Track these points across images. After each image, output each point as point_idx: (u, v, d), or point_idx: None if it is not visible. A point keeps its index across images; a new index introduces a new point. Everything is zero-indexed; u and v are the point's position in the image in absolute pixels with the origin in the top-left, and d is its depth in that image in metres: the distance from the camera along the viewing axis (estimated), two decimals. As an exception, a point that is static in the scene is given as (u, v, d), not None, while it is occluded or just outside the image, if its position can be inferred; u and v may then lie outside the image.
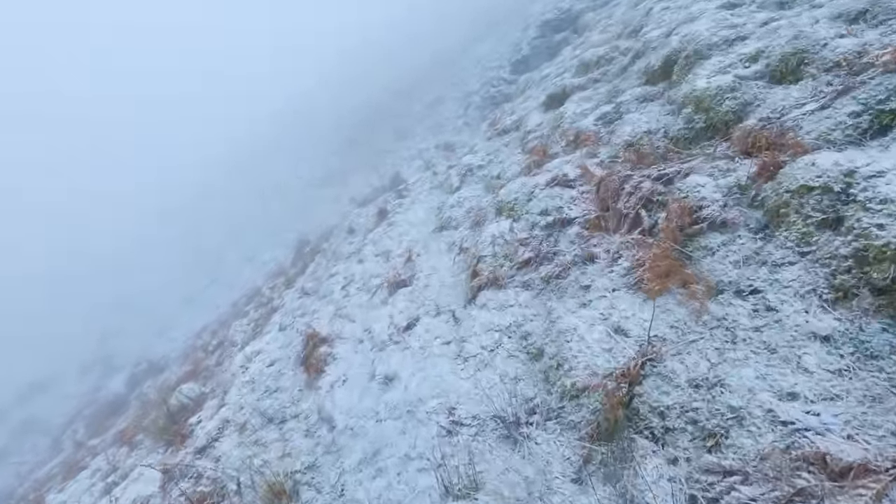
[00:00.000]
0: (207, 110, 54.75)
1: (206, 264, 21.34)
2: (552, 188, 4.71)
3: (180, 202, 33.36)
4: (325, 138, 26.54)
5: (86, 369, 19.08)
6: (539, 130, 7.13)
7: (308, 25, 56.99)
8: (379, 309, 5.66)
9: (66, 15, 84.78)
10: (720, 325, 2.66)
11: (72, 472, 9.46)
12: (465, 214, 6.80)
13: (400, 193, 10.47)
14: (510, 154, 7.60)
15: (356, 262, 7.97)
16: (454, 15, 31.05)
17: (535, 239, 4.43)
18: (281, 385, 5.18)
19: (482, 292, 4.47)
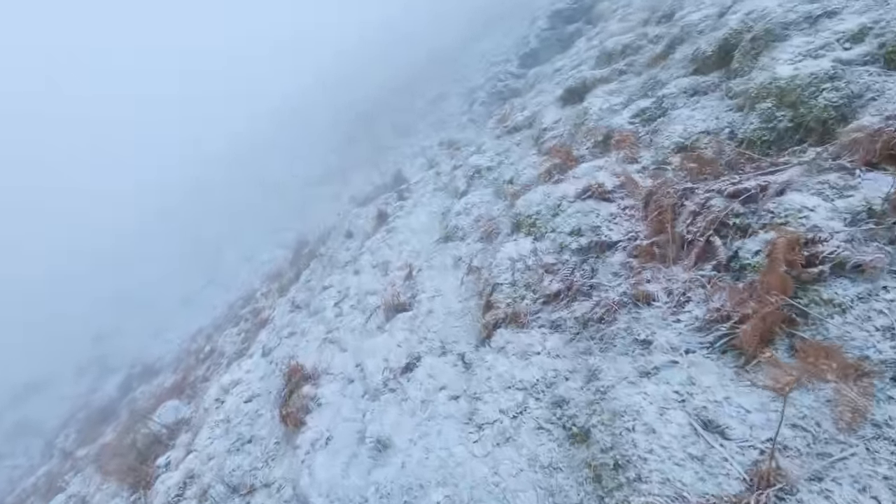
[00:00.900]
0: (206, 109, 53.58)
1: (204, 263, 20.39)
2: (584, 200, 3.71)
3: (179, 200, 32.37)
4: (324, 135, 25.47)
5: (82, 370, 18.20)
6: (557, 128, 6.11)
7: (306, 26, 55.58)
8: (374, 337, 4.68)
9: (66, 15, 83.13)
10: (879, 434, 1.68)
11: (50, 493, 8.59)
12: (474, 224, 5.80)
13: (401, 195, 9.47)
14: (523, 154, 6.59)
15: (352, 274, 6.98)
16: (451, 13, 29.85)
17: (566, 266, 3.44)
18: (255, 433, 4.21)
19: (498, 330, 3.49)
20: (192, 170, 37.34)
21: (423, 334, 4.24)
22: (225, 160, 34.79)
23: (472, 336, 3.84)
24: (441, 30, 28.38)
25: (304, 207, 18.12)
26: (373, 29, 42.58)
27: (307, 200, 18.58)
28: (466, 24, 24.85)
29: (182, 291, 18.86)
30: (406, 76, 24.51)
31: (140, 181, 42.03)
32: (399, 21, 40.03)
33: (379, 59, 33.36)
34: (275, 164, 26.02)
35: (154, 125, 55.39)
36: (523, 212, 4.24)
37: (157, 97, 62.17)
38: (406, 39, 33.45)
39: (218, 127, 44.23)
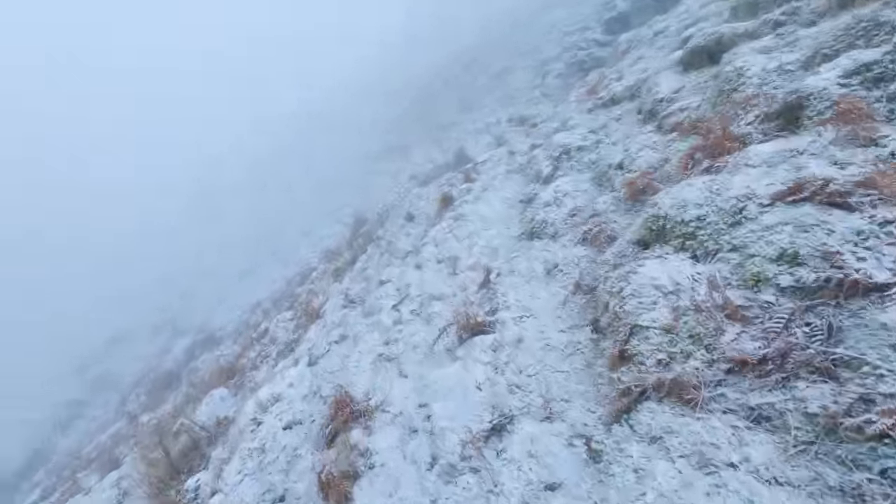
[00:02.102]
0: (267, 88, 53.85)
1: (266, 236, 20.02)
2: (794, 205, 2.22)
3: (242, 176, 32.46)
4: (384, 110, 24.28)
5: (156, 330, 18.44)
6: (682, 98, 4.51)
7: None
8: (444, 366, 3.44)
9: (99, 15, 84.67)
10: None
11: (109, 464, 8.18)
12: (569, 219, 4.38)
13: (467, 175, 8.10)
14: (630, 131, 5.03)
15: (413, 268, 5.76)
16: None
17: (772, 314, 2.01)
18: (290, 486, 3.11)
19: (646, 404, 2.14)
20: (254, 145, 37.46)
21: (513, 376, 2.94)
22: (285, 136, 34.53)
23: (592, 395, 2.50)
24: (502, 1, 26.17)
25: (363, 183, 17.11)
26: (431, 2, 40.49)
27: (366, 176, 17.55)
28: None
29: (245, 263, 18.56)
30: (468, 50, 22.72)
31: (205, 156, 42.78)
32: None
33: (438, 35, 31.52)
34: (334, 140, 25.19)
35: (221, 101, 56.20)
36: (669, 214, 2.79)
37: (224, 73, 63.17)
38: (466, 12, 31.35)
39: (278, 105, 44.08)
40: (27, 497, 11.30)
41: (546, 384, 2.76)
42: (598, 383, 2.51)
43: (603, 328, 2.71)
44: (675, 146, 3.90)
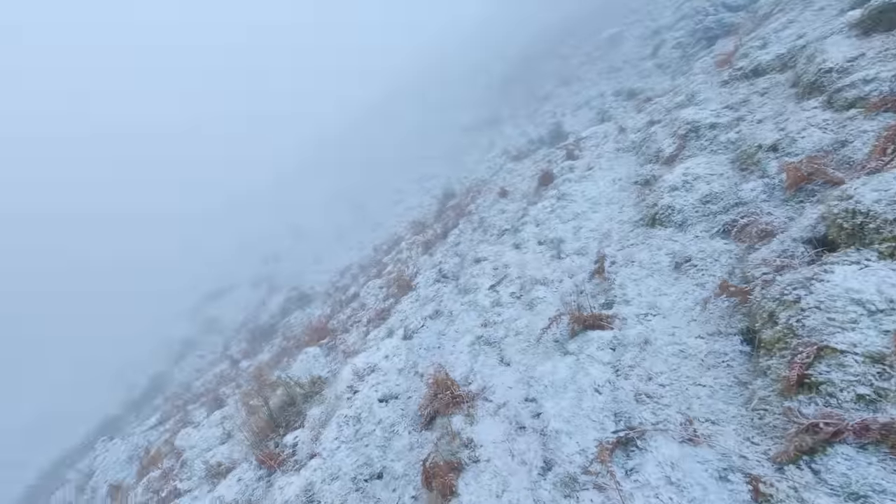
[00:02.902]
0: (360, 59, 55.14)
1: (356, 203, 20.59)
2: None
3: (334, 146, 33.48)
4: (478, 80, 23.62)
5: (255, 285, 19.86)
6: (863, 69, 3.66)
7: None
8: (553, 359, 3.13)
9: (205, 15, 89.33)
10: None
11: (216, 403, 8.91)
12: (701, 206, 3.80)
13: (570, 152, 7.52)
14: (785, 108, 4.24)
15: (511, 248, 5.44)
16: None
17: None
18: (387, 465, 3.01)
19: (839, 449, 1.68)
20: (346, 114, 38.41)
21: (641, 383, 2.56)
22: (376, 106, 35.00)
23: (749, 422, 2.07)
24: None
25: (452, 155, 16.88)
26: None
27: (456, 148, 17.28)
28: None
29: (336, 227, 19.27)
30: (569, 17, 21.29)
31: (300, 131, 44.77)
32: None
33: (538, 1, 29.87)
34: (425, 111, 25.06)
35: (310, 73, 58.71)
36: (874, 210, 2.19)
37: (313, 47, 66.01)
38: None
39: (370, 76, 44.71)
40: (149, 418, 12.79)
41: (685, 399, 2.35)
42: (759, 409, 2.07)
43: (765, 343, 2.23)
44: (859, 126, 3.16)
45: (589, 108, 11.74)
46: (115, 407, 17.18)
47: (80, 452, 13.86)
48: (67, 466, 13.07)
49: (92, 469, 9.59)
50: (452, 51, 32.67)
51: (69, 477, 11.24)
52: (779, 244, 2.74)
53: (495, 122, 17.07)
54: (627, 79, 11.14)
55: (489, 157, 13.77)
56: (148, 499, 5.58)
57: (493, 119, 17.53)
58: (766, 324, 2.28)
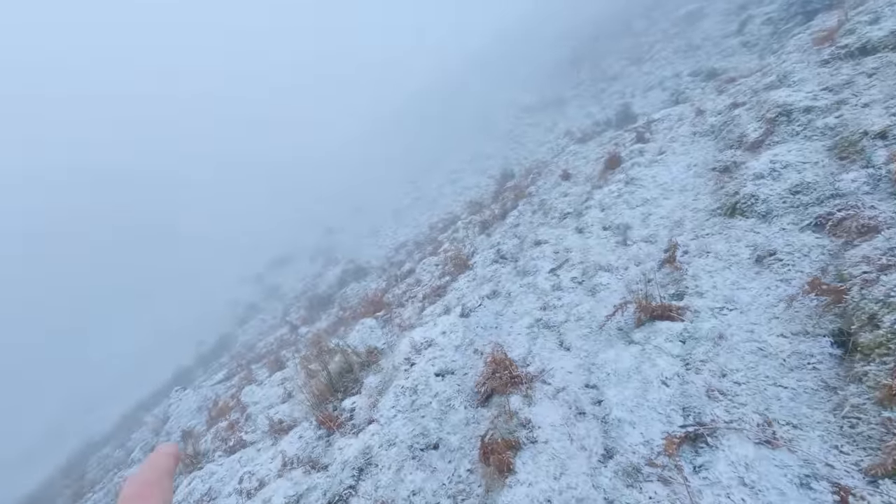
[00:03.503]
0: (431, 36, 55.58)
1: (413, 178, 20.75)
2: None
3: (394, 122, 33.67)
4: (543, 58, 22.86)
5: (313, 257, 20.68)
6: None
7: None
8: (616, 347, 3.04)
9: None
10: None
11: (276, 364, 9.44)
12: (790, 197, 3.50)
13: (640, 135, 7.16)
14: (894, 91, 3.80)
15: (573, 232, 5.30)
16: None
17: None
18: (443, 437, 3.08)
19: (948, 467, 1.54)
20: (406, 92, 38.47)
21: (714, 379, 2.44)
22: (443, 85, 34.78)
23: (837, 429, 1.92)
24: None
25: (512, 136, 16.59)
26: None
27: (517, 129, 16.94)
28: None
29: (394, 203, 19.58)
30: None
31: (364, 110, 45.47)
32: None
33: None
34: (490, 91, 24.62)
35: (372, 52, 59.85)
36: None
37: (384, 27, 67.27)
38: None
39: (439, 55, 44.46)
40: (216, 373, 13.80)
41: (763, 399, 2.22)
42: (851, 417, 1.92)
43: (862, 347, 2.05)
44: None
45: (662, 88, 11.09)
46: (188, 360, 18.66)
47: (157, 399, 15.23)
48: (145, 410, 14.43)
49: (167, 415, 10.52)
50: (523, 29, 31.75)
51: (146, 420, 12.42)
52: (884, 241, 2.49)
53: (559, 102, 16.53)
54: (707, 58, 10.38)
55: (551, 139, 13.41)
56: (217, 445, 6.06)
57: (557, 99, 16.98)
58: (865, 327, 2.10)
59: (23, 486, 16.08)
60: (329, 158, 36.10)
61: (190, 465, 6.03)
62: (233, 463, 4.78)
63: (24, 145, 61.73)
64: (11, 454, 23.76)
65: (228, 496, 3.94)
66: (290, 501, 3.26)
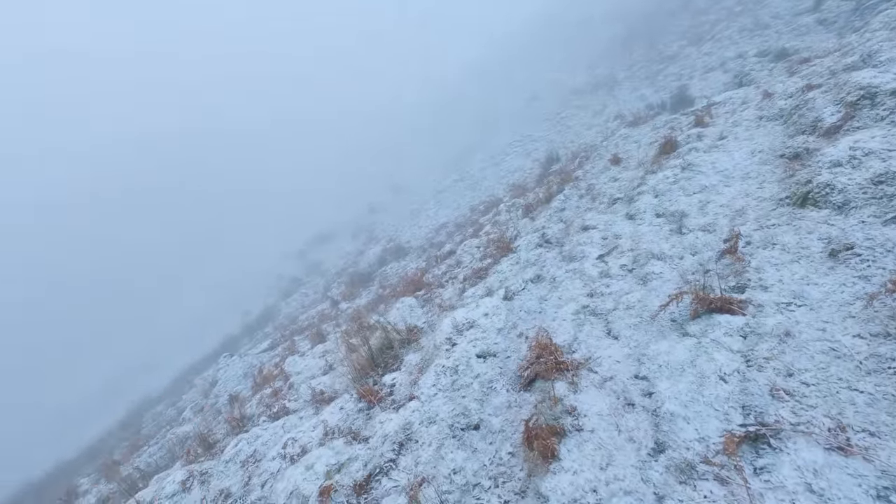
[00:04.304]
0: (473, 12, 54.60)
1: (456, 160, 20.60)
2: None
3: (440, 104, 33.39)
4: (595, 37, 21.95)
5: (355, 235, 21.03)
6: None
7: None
8: (669, 339, 2.91)
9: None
10: None
11: (318, 338, 9.71)
12: (871, 187, 3.21)
13: (699, 119, 6.77)
14: None
15: (624, 218, 5.10)
16: None
17: None
18: (484, 418, 3.06)
19: None
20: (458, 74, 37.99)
21: (779, 378, 2.29)
22: (487, 64, 34.11)
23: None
24: None
25: (559, 118, 16.10)
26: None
27: (564, 111, 16.43)
28: None
29: (435, 184, 19.54)
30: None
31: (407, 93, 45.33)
32: None
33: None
34: (538, 69, 23.93)
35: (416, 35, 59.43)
36: None
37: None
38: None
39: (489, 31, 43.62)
40: (261, 342, 14.39)
41: (835, 402, 2.06)
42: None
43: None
44: None
45: (723, 70, 10.42)
46: (235, 328, 19.55)
47: (206, 363, 16.08)
48: (196, 373, 15.28)
49: (216, 379, 11.09)
50: (573, 4, 30.58)
51: (196, 382, 13.14)
52: None
53: (610, 84, 15.87)
54: (777, 37, 9.64)
55: (600, 122, 12.93)
56: (262, 411, 6.32)
57: (608, 81, 16.31)
58: (963, 331, 1.89)
59: (85, 438, 17.44)
60: (379, 113, 36.54)
61: (237, 427, 6.34)
62: (276, 428, 4.97)
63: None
64: (73, 408, 25.77)
65: (273, 459, 4.10)
66: (331, 469, 3.35)
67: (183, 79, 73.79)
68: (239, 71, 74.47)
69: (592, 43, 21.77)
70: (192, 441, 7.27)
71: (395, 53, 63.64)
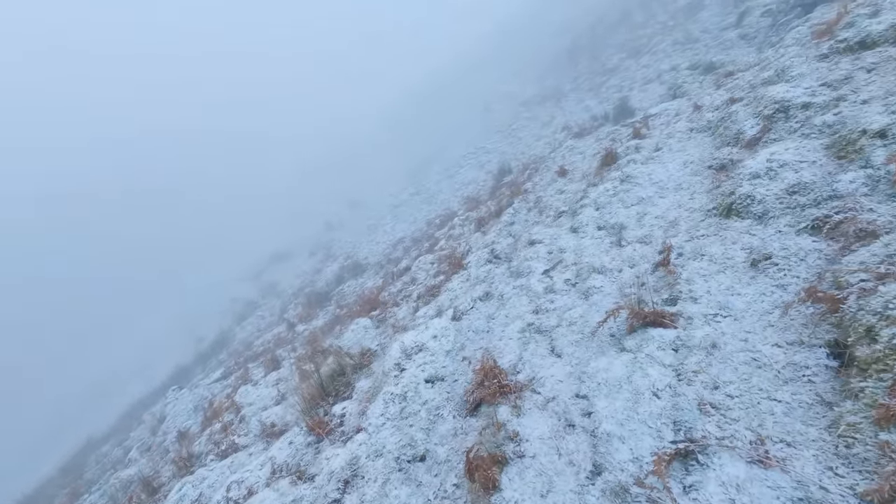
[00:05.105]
0: (428, 31, 55.77)
1: (413, 174, 20.62)
2: None
3: (395, 118, 33.49)
4: (543, 52, 22.62)
5: (312, 253, 20.57)
6: None
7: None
8: (608, 355, 2.96)
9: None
10: None
11: (273, 363, 9.38)
12: (787, 197, 3.41)
13: (636, 131, 7.04)
14: (894, 88, 3.69)
15: (568, 232, 5.20)
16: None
17: None
18: (430, 448, 3.00)
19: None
20: (410, 90, 38.24)
21: (706, 392, 2.36)
22: (442, 78, 34.51)
23: (833, 449, 1.84)
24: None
25: (511, 129, 16.40)
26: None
27: (516, 122, 16.75)
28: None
29: (392, 198, 19.44)
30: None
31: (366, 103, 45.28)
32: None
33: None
34: (489, 83, 24.37)
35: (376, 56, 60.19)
36: None
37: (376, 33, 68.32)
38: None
39: (439, 47, 44.22)
40: (214, 371, 13.76)
41: (756, 414, 2.14)
42: (847, 436, 1.83)
43: (859, 361, 1.96)
44: None
45: (660, 82, 10.93)
46: (187, 356, 18.64)
47: (157, 396, 15.22)
48: (144, 408, 14.42)
49: (164, 414, 10.49)
50: (528, 15, 31.45)
51: (145, 418, 12.40)
52: (882, 247, 2.39)
53: (558, 95, 16.34)
54: (706, 51, 10.21)
55: (548, 133, 13.26)
56: (210, 449, 6.01)
57: (555, 92, 16.79)
58: (862, 340, 2.01)
59: (24, 487, 16.09)
60: (336, 165, 36.24)
61: (183, 468, 5.99)
62: (223, 468, 4.73)
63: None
64: (10, 453, 23.81)
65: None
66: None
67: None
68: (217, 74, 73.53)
69: (541, 56, 22.41)
70: (136, 486, 6.82)
71: (386, 59, 63.97)
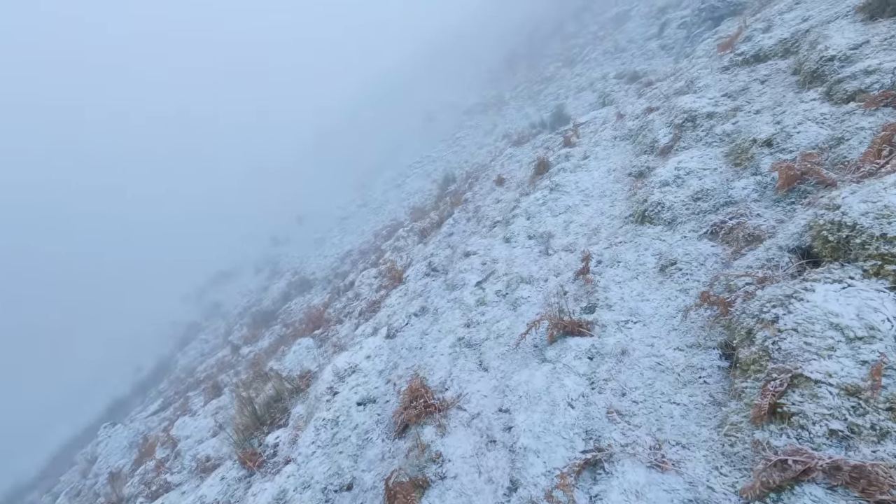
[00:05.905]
0: (366, 39, 55.93)
1: (360, 185, 20.41)
2: None
3: (343, 126, 33.14)
4: (484, 61, 23.07)
5: (259, 269, 19.91)
6: (867, 59, 3.43)
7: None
8: (530, 366, 3.03)
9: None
10: None
11: (215, 391, 8.98)
12: (692, 203, 3.63)
13: (567, 139, 7.30)
14: (784, 98, 4.01)
15: (501, 242, 5.30)
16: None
17: None
18: (357, 475, 2.96)
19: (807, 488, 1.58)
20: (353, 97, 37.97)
21: (615, 399, 2.46)
22: (387, 87, 34.46)
23: (720, 448, 1.96)
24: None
25: (455, 138, 16.59)
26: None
27: (459, 131, 16.96)
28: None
29: (340, 210, 19.16)
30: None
31: (307, 109, 44.52)
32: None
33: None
34: (433, 91, 24.57)
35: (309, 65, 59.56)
36: (860, 224, 2.01)
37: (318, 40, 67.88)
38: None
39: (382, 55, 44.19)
40: (153, 403, 12.99)
41: (657, 418, 2.25)
42: (730, 435, 1.96)
43: (742, 362, 2.11)
44: (857, 122, 2.96)
45: (592, 90, 11.40)
46: (124, 387, 17.52)
47: (91, 433, 14.18)
48: (77, 448, 13.40)
49: (95, 455, 9.79)
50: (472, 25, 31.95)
51: (77, 459, 11.52)
52: (764, 251, 2.59)
53: (499, 104, 16.70)
54: (632, 60, 10.76)
55: (490, 141, 13.50)
56: (141, 490, 5.65)
57: (496, 101, 17.15)
58: (744, 342, 2.16)
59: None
60: (283, 171, 35.08)
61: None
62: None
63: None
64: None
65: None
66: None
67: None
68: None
69: (483, 65, 22.85)
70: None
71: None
